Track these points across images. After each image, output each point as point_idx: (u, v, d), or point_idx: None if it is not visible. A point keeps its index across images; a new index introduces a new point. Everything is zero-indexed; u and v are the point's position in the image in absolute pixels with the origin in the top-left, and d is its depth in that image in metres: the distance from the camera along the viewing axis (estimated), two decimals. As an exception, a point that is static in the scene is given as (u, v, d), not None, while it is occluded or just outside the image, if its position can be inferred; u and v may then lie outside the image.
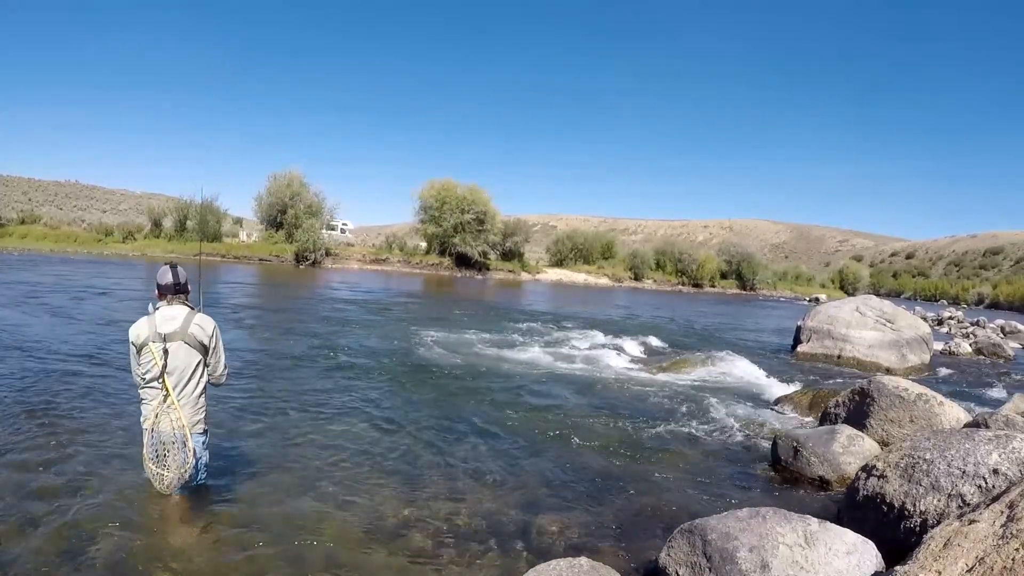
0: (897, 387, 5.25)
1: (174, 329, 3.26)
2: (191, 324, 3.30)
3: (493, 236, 44.21)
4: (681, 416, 6.37)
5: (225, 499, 3.59)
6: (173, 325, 3.27)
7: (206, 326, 3.36)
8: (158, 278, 3.33)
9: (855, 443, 4.69)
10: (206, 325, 3.37)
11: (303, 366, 7.63)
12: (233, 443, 4.51)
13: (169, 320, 3.28)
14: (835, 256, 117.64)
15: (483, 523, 3.57)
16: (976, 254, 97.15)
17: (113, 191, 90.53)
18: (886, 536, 2.93)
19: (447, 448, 4.88)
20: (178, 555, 2.97)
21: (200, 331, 3.33)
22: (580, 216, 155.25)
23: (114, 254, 32.09)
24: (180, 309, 3.34)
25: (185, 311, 3.34)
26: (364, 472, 4.21)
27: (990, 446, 3.05)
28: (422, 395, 6.63)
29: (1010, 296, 60.14)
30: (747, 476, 4.71)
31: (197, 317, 3.35)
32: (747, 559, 2.48)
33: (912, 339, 11.81)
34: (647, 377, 8.59)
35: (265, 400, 5.84)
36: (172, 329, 3.25)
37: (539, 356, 9.66)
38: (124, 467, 3.87)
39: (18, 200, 66.91)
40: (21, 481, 3.60)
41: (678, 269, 53.07)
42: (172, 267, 3.35)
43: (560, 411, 6.32)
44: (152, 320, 3.27)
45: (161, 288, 3.32)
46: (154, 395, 3.26)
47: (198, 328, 3.32)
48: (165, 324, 3.26)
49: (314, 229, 37.76)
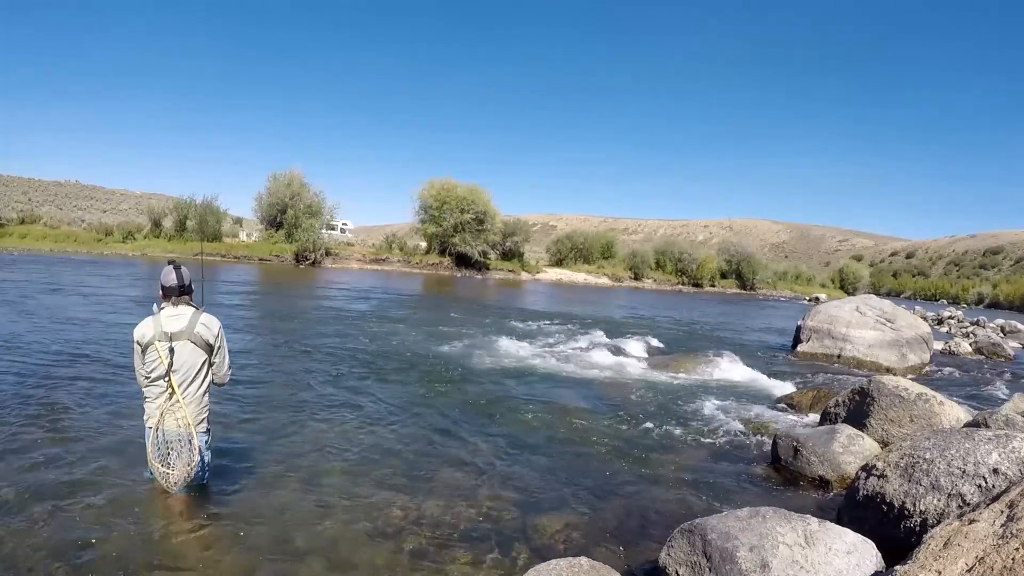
0: (897, 387, 5.25)
1: (180, 328, 3.27)
2: (197, 324, 3.31)
3: (493, 236, 44.24)
4: (681, 416, 6.37)
5: (227, 498, 3.59)
6: (179, 324, 3.27)
7: (212, 326, 3.38)
8: (162, 279, 3.32)
9: (855, 443, 4.69)
10: (212, 325, 3.38)
11: (303, 366, 7.63)
12: (235, 442, 4.52)
13: (175, 319, 3.28)
14: (835, 256, 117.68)
15: (483, 523, 3.57)
16: (976, 254, 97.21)
17: (113, 191, 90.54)
18: (886, 536, 2.93)
19: (447, 448, 4.88)
20: (180, 553, 2.97)
21: (206, 331, 3.34)
22: (580, 216, 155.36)
23: (114, 254, 32.08)
24: (185, 309, 3.34)
25: (190, 311, 3.35)
26: (364, 472, 4.21)
27: (990, 446, 3.05)
28: (422, 395, 6.63)
29: (1010, 296, 60.21)
30: (747, 476, 4.71)
31: (203, 317, 3.36)
32: (747, 559, 2.48)
33: (912, 339, 11.81)
34: (647, 377, 8.59)
35: (266, 400, 5.84)
36: (178, 328, 3.26)
37: (539, 356, 9.66)
38: (126, 465, 3.87)
39: (18, 200, 66.91)
40: (21, 480, 3.60)
41: (678, 269, 53.07)
42: (176, 268, 3.35)
43: (560, 411, 6.32)
44: (157, 320, 3.27)
45: (165, 289, 3.32)
46: (158, 393, 3.27)
47: (204, 328, 3.33)
48: (171, 323, 3.27)
49: (314, 229, 37.78)
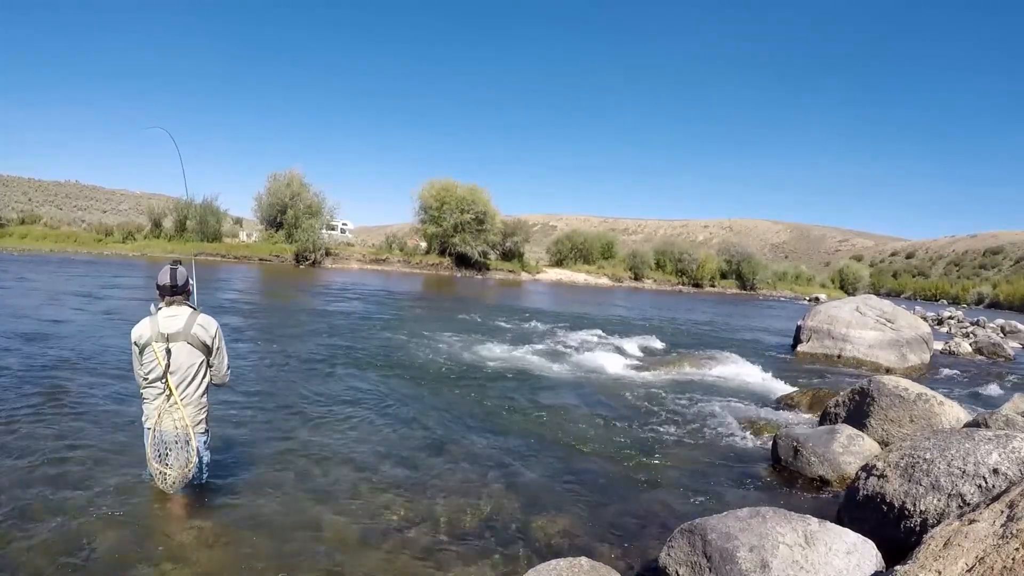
0: (897, 387, 5.25)
1: (177, 329, 3.26)
2: (194, 325, 3.31)
3: (493, 236, 44.20)
4: (681, 416, 6.37)
5: (226, 498, 3.59)
6: (176, 325, 3.27)
7: (209, 327, 3.37)
8: (157, 279, 3.32)
9: (855, 443, 4.69)
10: (209, 326, 3.37)
11: (303, 366, 7.63)
12: (234, 442, 4.51)
13: (171, 320, 3.28)
14: (835, 256, 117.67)
15: (483, 523, 3.57)
16: (976, 254, 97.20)
17: (113, 191, 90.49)
18: (886, 536, 2.93)
19: (447, 448, 4.88)
20: (179, 554, 2.97)
21: (203, 332, 3.33)
22: (580, 216, 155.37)
23: (114, 254, 32.05)
24: (182, 309, 3.34)
25: (187, 312, 3.34)
26: (364, 472, 4.21)
27: (990, 446, 3.05)
28: (422, 395, 6.63)
29: (1010, 296, 60.20)
30: (747, 476, 4.71)
31: (200, 318, 3.35)
32: (747, 559, 2.48)
33: (912, 339, 11.82)
34: (647, 377, 8.59)
35: (265, 400, 5.84)
36: (175, 329, 3.26)
37: (538, 356, 9.65)
38: (125, 465, 3.87)
39: (18, 200, 66.89)
40: (21, 480, 3.60)
41: (678, 269, 53.03)
42: (172, 269, 3.33)
43: (560, 411, 6.32)
44: (154, 321, 3.27)
45: (160, 289, 3.32)
46: (156, 394, 3.27)
47: (201, 329, 3.33)
48: (167, 324, 3.26)
49: (314, 229, 37.75)
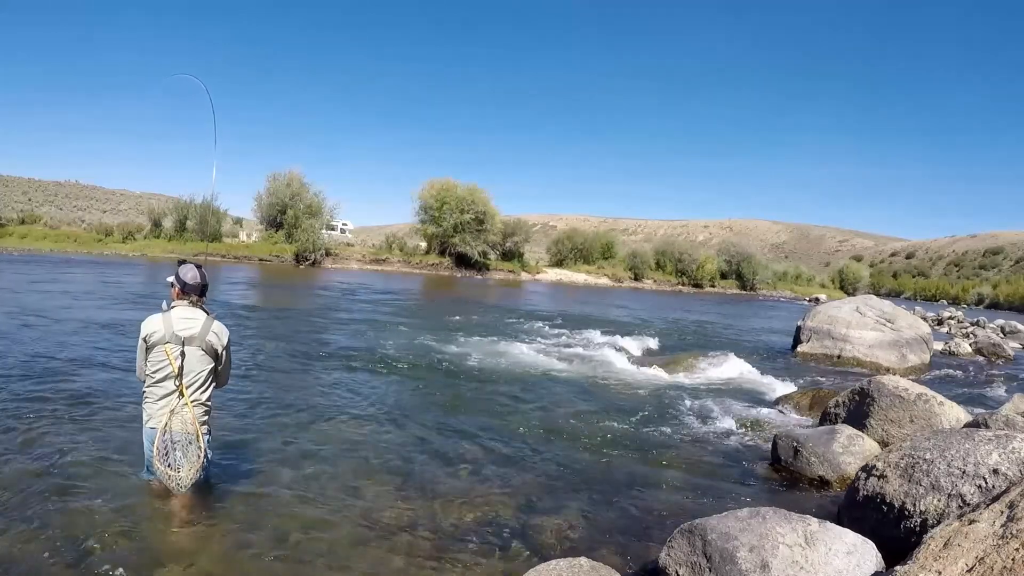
0: (897, 387, 5.25)
1: (193, 334, 3.23)
2: (209, 331, 3.28)
3: (493, 236, 44.20)
4: (681, 416, 6.37)
5: (227, 498, 3.59)
6: (192, 330, 3.23)
7: (222, 336, 3.37)
8: (185, 277, 3.26)
9: (855, 443, 4.69)
10: (222, 335, 3.37)
11: (303, 366, 7.63)
12: (235, 443, 4.51)
13: (187, 323, 3.24)
14: (835, 256, 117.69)
15: (483, 523, 3.57)
16: (976, 254, 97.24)
17: (113, 191, 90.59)
18: (886, 536, 2.93)
19: (447, 448, 4.88)
20: (179, 553, 2.97)
21: (216, 339, 3.32)
22: (580, 216, 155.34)
23: (114, 254, 32.05)
24: (198, 312, 3.30)
25: (203, 316, 3.31)
26: (365, 472, 4.21)
27: (990, 446, 3.05)
28: (422, 395, 6.63)
29: (1010, 296, 60.20)
30: (747, 476, 4.71)
31: (215, 325, 3.33)
32: (747, 559, 2.48)
33: (912, 339, 11.81)
34: (647, 377, 8.59)
35: (266, 400, 5.84)
36: (191, 334, 3.22)
37: (539, 356, 9.65)
38: (126, 465, 3.86)
39: (18, 200, 66.90)
40: (21, 480, 3.60)
41: (678, 269, 53.02)
42: (198, 266, 3.31)
43: (559, 411, 6.32)
44: (168, 319, 3.22)
45: (188, 287, 3.27)
46: (162, 394, 3.23)
47: (215, 336, 3.32)
48: (183, 327, 3.22)
49: (314, 229, 37.77)
